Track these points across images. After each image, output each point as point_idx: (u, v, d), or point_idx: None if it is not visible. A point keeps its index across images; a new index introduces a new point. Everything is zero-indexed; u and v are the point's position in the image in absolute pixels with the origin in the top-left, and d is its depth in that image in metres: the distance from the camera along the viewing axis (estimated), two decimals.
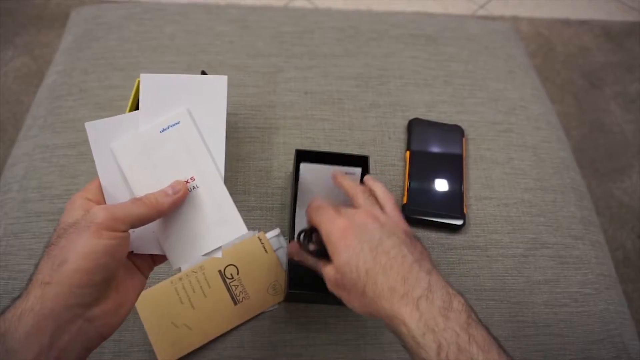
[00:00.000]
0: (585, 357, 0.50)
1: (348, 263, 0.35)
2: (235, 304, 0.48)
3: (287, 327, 0.49)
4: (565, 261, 0.56)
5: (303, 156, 0.53)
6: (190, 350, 0.46)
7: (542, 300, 0.53)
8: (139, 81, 0.56)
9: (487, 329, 0.33)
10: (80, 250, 0.28)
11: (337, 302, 0.48)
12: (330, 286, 0.38)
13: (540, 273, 0.54)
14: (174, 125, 0.38)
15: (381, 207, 0.41)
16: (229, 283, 0.49)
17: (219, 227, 0.36)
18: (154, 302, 0.48)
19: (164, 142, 0.37)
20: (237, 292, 0.49)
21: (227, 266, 0.50)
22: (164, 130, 0.38)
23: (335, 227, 0.37)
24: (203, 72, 0.44)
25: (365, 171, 0.52)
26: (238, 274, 0.50)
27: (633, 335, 0.53)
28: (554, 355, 0.50)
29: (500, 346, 0.32)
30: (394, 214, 0.40)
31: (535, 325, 0.51)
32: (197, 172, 0.37)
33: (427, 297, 0.33)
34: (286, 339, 0.48)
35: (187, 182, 0.36)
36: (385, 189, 0.43)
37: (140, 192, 0.35)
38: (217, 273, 0.50)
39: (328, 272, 0.38)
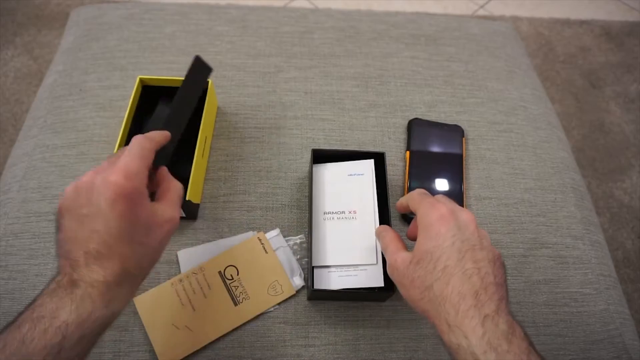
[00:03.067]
0: (585, 357, 0.50)
1: (431, 251, 0.34)
2: (236, 304, 0.48)
3: (287, 327, 0.49)
4: (565, 261, 0.56)
5: (319, 155, 0.54)
6: (191, 351, 0.46)
7: (542, 300, 0.53)
8: (139, 79, 0.57)
9: (543, 358, 0.32)
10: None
11: (359, 298, 0.50)
12: (392, 270, 0.37)
13: (540, 273, 0.54)
14: (359, 174, 0.54)
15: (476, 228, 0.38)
16: (229, 284, 0.49)
17: (357, 252, 0.49)
18: (154, 303, 0.48)
19: (348, 181, 0.53)
20: (237, 292, 0.49)
21: (227, 267, 0.50)
22: (350, 175, 0.54)
23: (435, 212, 0.36)
24: (197, 58, 0.46)
25: (382, 168, 0.54)
26: (238, 274, 0.50)
27: (633, 335, 0.53)
28: (554, 355, 0.50)
29: None
30: (486, 241, 0.37)
31: (535, 325, 0.51)
32: (359, 210, 0.52)
33: (493, 317, 0.31)
34: (286, 339, 0.48)
35: (350, 212, 0.51)
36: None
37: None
38: (217, 274, 0.50)
39: (402, 257, 0.37)
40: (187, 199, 0.48)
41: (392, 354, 0.48)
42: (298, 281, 0.50)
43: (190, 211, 0.52)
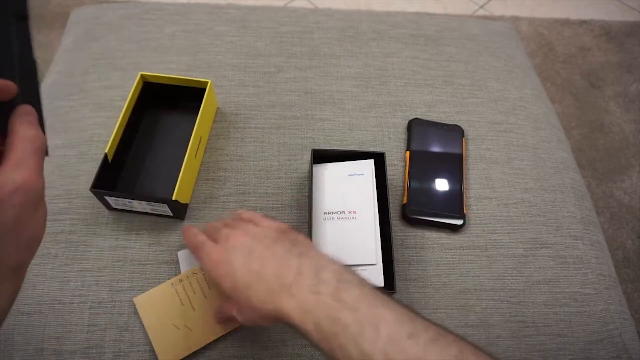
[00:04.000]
0: (585, 357, 0.50)
1: (231, 289, 0.37)
2: None
3: (287, 327, 0.49)
4: (565, 261, 0.56)
5: (319, 155, 0.54)
6: (191, 351, 0.46)
7: (542, 300, 0.53)
8: (141, 75, 0.57)
9: (362, 284, 0.33)
10: None
11: None
12: (240, 319, 0.39)
13: (540, 273, 0.54)
14: (359, 174, 0.54)
15: (255, 224, 0.42)
16: None
17: (357, 252, 0.49)
18: (154, 303, 0.48)
19: (348, 181, 0.53)
20: None
21: None
22: (350, 175, 0.54)
23: (210, 262, 0.39)
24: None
25: (382, 168, 0.54)
26: None
27: (633, 335, 0.53)
28: (554, 355, 0.50)
29: (376, 295, 0.33)
30: (266, 222, 0.41)
31: (535, 325, 0.51)
32: (359, 210, 0.51)
33: (297, 281, 0.34)
34: (286, 338, 0.48)
35: (350, 212, 0.51)
36: (248, 210, 0.46)
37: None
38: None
39: (230, 305, 0.40)
40: (174, 198, 0.48)
41: None
42: None
43: (177, 211, 0.52)
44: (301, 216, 0.55)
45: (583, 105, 1.43)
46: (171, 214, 0.52)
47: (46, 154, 0.30)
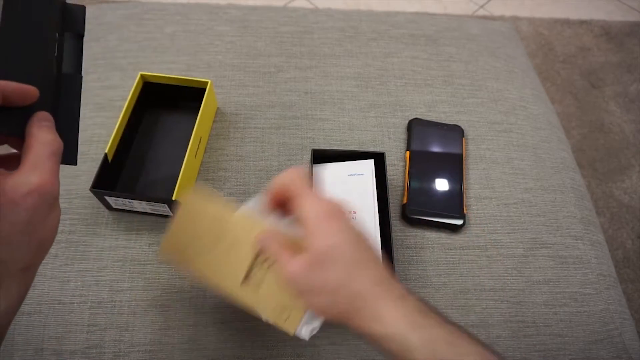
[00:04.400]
0: (585, 357, 0.50)
1: (328, 251, 0.32)
2: (241, 282, 0.39)
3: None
4: (565, 261, 0.56)
5: (319, 155, 0.54)
6: (182, 269, 0.41)
7: (542, 300, 0.53)
8: (140, 76, 0.57)
9: (458, 325, 0.33)
10: None
11: None
12: (290, 281, 0.33)
13: (540, 273, 0.54)
14: (359, 174, 0.53)
15: None
16: (255, 261, 0.40)
17: None
18: (200, 199, 0.41)
19: (348, 182, 0.53)
20: (253, 274, 0.40)
21: None
22: (351, 175, 0.53)
23: (323, 206, 0.33)
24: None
25: (382, 168, 0.54)
26: (268, 268, 0.40)
27: (633, 335, 0.53)
28: (554, 355, 0.50)
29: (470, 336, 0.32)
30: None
31: (535, 325, 0.51)
32: (359, 210, 0.50)
33: (402, 295, 0.32)
34: (286, 338, 0.48)
35: (350, 212, 0.46)
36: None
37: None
38: (253, 245, 0.39)
39: (298, 263, 0.33)
40: (174, 198, 0.48)
41: None
42: (304, 332, 0.38)
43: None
44: None
45: (583, 105, 1.43)
46: (171, 214, 0.52)
47: (74, 163, 0.30)
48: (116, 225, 0.53)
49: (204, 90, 0.56)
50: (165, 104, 0.61)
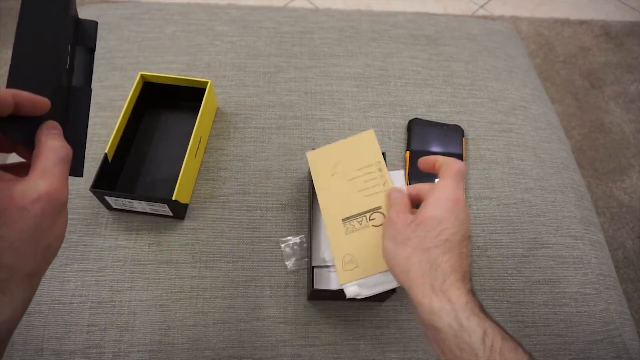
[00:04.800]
0: (585, 357, 0.50)
1: (439, 220, 0.35)
2: (343, 219, 0.45)
3: (287, 327, 0.49)
4: (565, 261, 0.56)
5: None
6: (315, 177, 0.48)
7: (542, 300, 0.53)
8: (140, 76, 0.57)
9: (515, 339, 0.34)
10: None
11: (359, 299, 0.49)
12: (389, 224, 0.38)
13: (540, 273, 0.54)
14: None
15: None
16: (366, 213, 0.44)
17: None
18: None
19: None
20: (356, 220, 0.45)
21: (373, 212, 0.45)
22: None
23: (458, 192, 0.37)
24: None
25: None
26: (372, 225, 0.44)
27: (633, 335, 0.53)
28: (554, 355, 0.50)
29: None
30: None
31: (535, 325, 0.51)
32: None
33: (474, 294, 0.34)
34: (286, 339, 0.48)
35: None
36: None
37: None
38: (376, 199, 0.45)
39: (404, 215, 0.38)
40: (174, 198, 0.48)
41: (392, 354, 0.48)
42: (350, 290, 0.43)
43: (177, 211, 0.52)
44: (301, 216, 0.55)
45: (583, 105, 1.43)
46: (171, 214, 0.52)
47: (80, 174, 0.31)
48: (116, 225, 0.53)
49: (204, 90, 0.56)
50: (165, 104, 0.61)
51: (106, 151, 0.51)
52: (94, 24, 0.34)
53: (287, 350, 0.48)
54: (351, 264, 0.44)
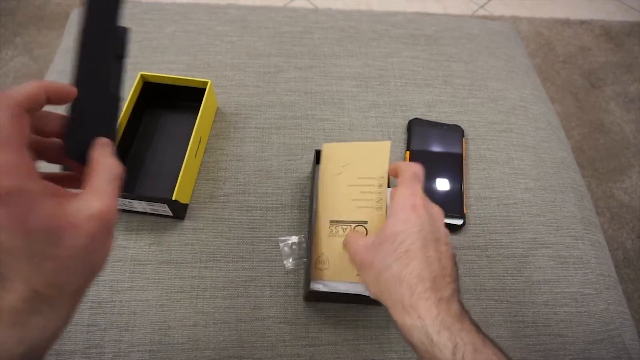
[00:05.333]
0: (585, 357, 0.50)
1: (397, 234, 0.35)
2: (330, 221, 0.46)
3: (287, 327, 0.49)
4: (565, 261, 0.56)
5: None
6: (322, 170, 0.48)
7: (542, 300, 0.53)
8: (140, 76, 0.56)
9: (491, 340, 0.34)
10: None
11: (355, 300, 0.49)
12: (354, 254, 0.38)
13: (540, 273, 0.54)
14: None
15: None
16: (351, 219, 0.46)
17: None
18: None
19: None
20: (340, 226, 0.46)
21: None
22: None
23: (410, 198, 0.36)
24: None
25: None
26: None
27: (633, 335, 0.53)
28: (554, 355, 0.50)
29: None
30: (448, 234, 0.39)
31: (535, 325, 0.51)
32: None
33: (447, 301, 0.33)
34: (286, 339, 0.48)
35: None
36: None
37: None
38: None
39: (365, 240, 0.38)
40: (174, 198, 0.48)
41: (392, 354, 0.48)
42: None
43: (177, 211, 0.52)
44: (301, 216, 0.55)
45: (583, 105, 1.43)
46: (171, 214, 0.52)
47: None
48: (116, 225, 0.53)
49: (204, 90, 0.56)
50: (165, 104, 0.61)
51: None
52: (127, 31, 0.33)
53: (287, 350, 0.48)
54: (323, 265, 0.45)
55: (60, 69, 0.68)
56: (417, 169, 0.39)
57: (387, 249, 0.35)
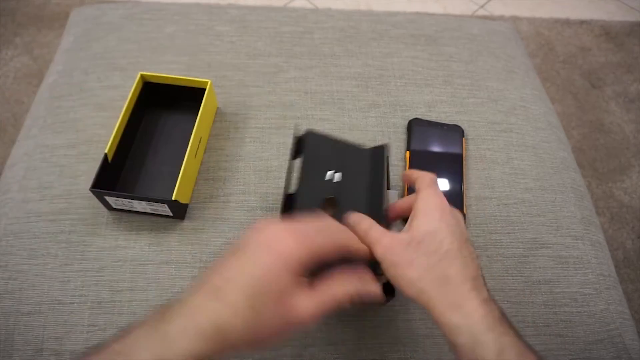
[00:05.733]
0: (585, 357, 0.50)
1: (434, 233, 0.35)
2: None
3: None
4: (565, 261, 0.56)
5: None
6: None
7: (542, 300, 0.53)
8: (141, 75, 0.56)
9: (531, 346, 0.34)
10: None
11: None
12: (386, 251, 0.36)
13: (540, 273, 0.54)
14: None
15: None
16: None
17: None
18: None
19: None
20: None
21: None
22: None
23: (438, 199, 0.37)
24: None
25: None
26: None
27: (633, 335, 0.53)
28: (554, 355, 0.50)
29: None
30: None
31: (535, 325, 0.51)
32: None
33: (489, 302, 0.33)
34: (286, 339, 0.48)
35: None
36: None
37: None
38: None
39: (397, 237, 0.36)
40: (174, 198, 0.48)
41: (392, 354, 0.48)
42: None
43: (177, 211, 0.52)
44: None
45: (583, 105, 1.43)
46: (171, 214, 0.52)
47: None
48: (116, 225, 0.53)
49: (204, 90, 0.56)
50: (165, 104, 0.61)
51: (106, 151, 0.51)
52: (386, 147, 0.49)
53: (287, 350, 0.48)
54: None
55: (60, 68, 0.68)
56: (433, 176, 0.40)
57: (429, 248, 0.35)
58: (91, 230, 0.52)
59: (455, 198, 0.57)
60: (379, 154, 0.48)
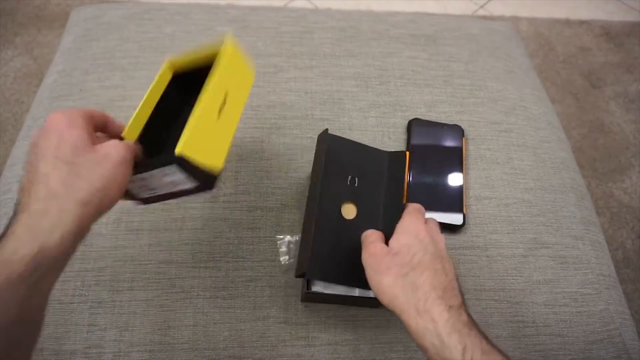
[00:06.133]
0: (585, 357, 0.50)
1: (410, 245, 0.39)
2: None
3: (287, 327, 0.49)
4: (565, 261, 0.56)
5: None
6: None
7: (542, 300, 0.53)
8: (168, 64, 0.47)
9: (498, 347, 0.36)
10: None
11: (352, 303, 0.49)
12: (369, 256, 0.41)
13: (540, 273, 0.54)
14: None
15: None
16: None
17: None
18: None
19: None
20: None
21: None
22: None
23: (418, 223, 0.42)
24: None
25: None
26: None
27: (633, 335, 0.53)
28: (554, 355, 0.50)
29: None
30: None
31: (535, 325, 0.51)
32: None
33: (457, 309, 0.36)
34: (286, 339, 0.48)
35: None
36: None
37: None
38: None
39: (381, 246, 0.41)
40: (181, 151, 0.36)
41: (392, 354, 0.48)
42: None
43: (199, 176, 0.39)
44: (301, 216, 0.55)
45: (583, 105, 1.43)
46: (197, 185, 0.40)
47: None
48: (116, 225, 0.53)
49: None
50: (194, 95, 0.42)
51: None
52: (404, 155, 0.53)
53: (287, 350, 0.48)
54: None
55: (60, 68, 0.68)
56: (418, 205, 0.44)
57: (404, 259, 0.39)
58: (91, 230, 0.52)
59: (455, 198, 0.57)
60: (400, 158, 0.52)
